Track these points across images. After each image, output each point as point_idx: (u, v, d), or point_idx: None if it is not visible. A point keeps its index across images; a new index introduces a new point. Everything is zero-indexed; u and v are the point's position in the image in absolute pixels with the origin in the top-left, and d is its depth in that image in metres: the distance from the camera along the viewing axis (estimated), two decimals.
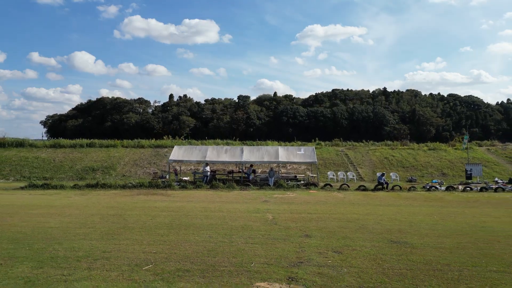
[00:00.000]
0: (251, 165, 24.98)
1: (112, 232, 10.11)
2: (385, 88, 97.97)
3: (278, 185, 22.44)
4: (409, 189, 20.93)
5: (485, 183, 22.37)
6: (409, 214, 13.36)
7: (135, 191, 20.02)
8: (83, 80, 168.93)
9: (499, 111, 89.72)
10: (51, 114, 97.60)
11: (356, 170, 29.05)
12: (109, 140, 37.33)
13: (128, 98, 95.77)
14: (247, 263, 7.38)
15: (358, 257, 7.86)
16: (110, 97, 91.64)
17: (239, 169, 26.19)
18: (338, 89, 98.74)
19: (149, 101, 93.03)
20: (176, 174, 26.68)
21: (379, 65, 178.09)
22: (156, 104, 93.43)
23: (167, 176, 25.40)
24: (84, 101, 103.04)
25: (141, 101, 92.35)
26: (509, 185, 21.86)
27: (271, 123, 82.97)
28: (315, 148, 33.36)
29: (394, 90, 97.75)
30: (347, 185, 21.98)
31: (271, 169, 24.90)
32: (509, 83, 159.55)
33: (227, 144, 36.01)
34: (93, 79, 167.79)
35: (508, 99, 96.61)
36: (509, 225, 11.47)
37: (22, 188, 21.43)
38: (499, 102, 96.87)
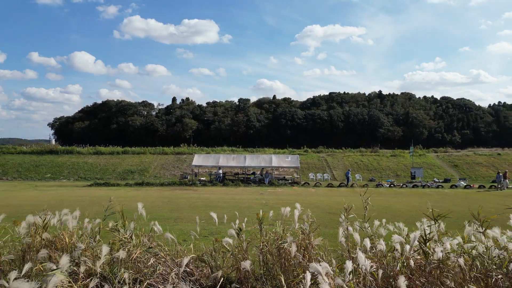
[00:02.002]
0: (263, 169, 32.03)
1: (174, 209, 17.14)
2: (380, 91, 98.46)
3: (271, 183, 29.46)
4: (363, 186, 27.96)
5: (420, 182, 29.38)
6: (350, 201, 20.33)
7: (171, 188, 27.07)
8: (82, 80, 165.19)
9: (490, 113, 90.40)
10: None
11: (332, 172, 36.11)
12: (139, 147, 44.54)
13: (128, 97, 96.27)
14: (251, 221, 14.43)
15: None
16: (115, 100, 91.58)
17: (242, 171, 33.26)
18: (335, 92, 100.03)
19: (152, 104, 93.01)
20: (195, 176, 33.76)
21: (378, 65, 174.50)
22: (160, 107, 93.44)
23: (188, 177, 32.52)
24: (84, 100, 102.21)
25: (145, 104, 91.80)
26: (434, 183, 28.91)
27: (271, 125, 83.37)
28: (303, 154, 40.81)
29: (389, 93, 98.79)
30: (319, 183, 29.05)
31: (267, 171, 31.99)
32: (508, 82, 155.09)
33: (233, 151, 43.48)
34: (93, 79, 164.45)
35: (499, 102, 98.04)
36: (403, 205, 18.51)
37: (89, 186, 28.45)
38: (491, 104, 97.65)
